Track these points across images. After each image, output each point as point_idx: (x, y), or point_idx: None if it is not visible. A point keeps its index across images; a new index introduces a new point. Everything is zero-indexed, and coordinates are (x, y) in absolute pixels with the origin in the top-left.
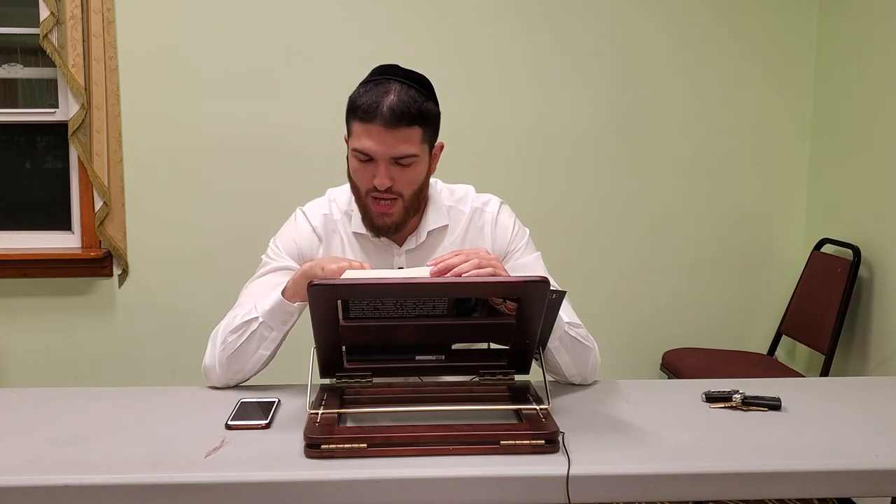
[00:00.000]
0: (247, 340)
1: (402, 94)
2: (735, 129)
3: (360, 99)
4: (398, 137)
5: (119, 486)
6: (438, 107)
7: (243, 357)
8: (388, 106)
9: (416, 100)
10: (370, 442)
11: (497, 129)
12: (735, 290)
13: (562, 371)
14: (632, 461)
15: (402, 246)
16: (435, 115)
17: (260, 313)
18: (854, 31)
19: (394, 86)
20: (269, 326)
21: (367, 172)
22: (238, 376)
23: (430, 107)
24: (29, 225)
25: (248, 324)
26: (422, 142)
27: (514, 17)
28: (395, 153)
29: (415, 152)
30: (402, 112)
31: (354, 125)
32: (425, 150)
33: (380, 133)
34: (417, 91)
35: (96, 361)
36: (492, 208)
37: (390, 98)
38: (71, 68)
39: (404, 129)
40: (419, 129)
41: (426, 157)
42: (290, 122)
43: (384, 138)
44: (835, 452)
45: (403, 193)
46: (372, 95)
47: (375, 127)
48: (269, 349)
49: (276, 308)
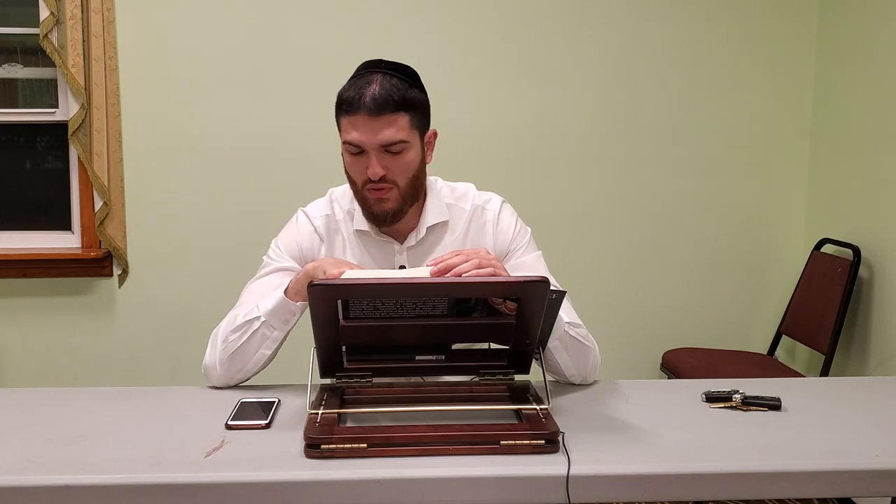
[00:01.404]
0: (248, 339)
1: (384, 83)
2: (735, 129)
3: (346, 94)
4: (383, 123)
5: (119, 486)
6: (426, 94)
7: (244, 356)
8: (370, 95)
9: (398, 87)
10: (370, 442)
11: (496, 129)
12: (735, 290)
13: (562, 371)
14: (632, 461)
15: (402, 243)
16: (420, 102)
17: (262, 313)
18: (854, 31)
19: (376, 76)
20: (272, 326)
21: (360, 165)
22: (239, 375)
23: (414, 94)
24: (29, 225)
25: (250, 323)
26: (410, 128)
27: (514, 16)
28: (383, 140)
29: (403, 138)
30: (386, 99)
31: (342, 120)
32: (415, 137)
33: (365, 122)
34: (400, 79)
35: (96, 361)
36: (493, 207)
37: (373, 87)
38: (71, 68)
39: (389, 116)
40: (405, 114)
41: (417, 144)
42: (291, 122)
43: (370, 126)
44: (835, 452)
45: (398, 181)
46: (355, 89)
47: (360, 117)
48: (271, 349)
49: (279, 307)
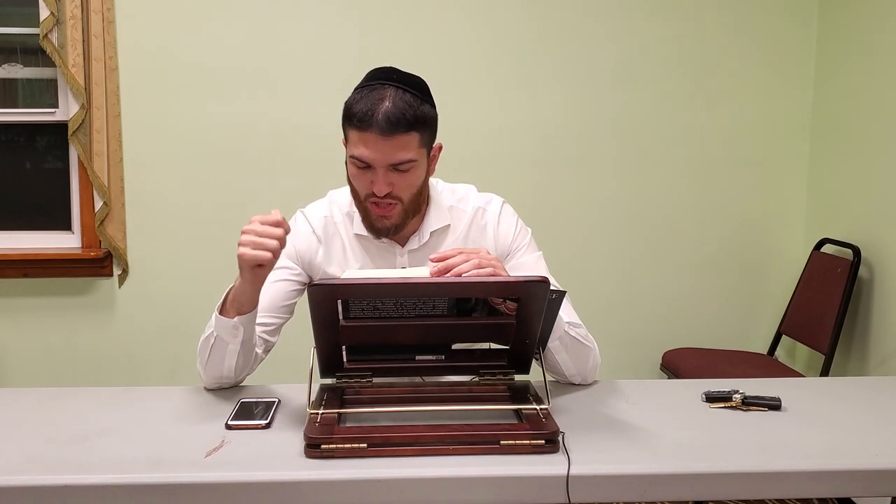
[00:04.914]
0: (211, 353)
1: (397, 101)
2: (735, 129)
3: (356, 106)
4: (395, 145)
5: (119, 486)
6: (435, 109)
7: (216, 367)
8: (383, 113)
9: (411, 105)
10: (370, 442)
11: (495, 130)
12: (735, 290)
13: (562, 371)
14: (632, 461)
15: (404, 246)
16: (432, 119)
17: (214, 327)
18: (854, 31)
19: (389, 91)
20: (224, 340)
21: (365, 179)
22: (222, 381)
23: (426, 110)
24: (29, 225)
25: (208, 338)
26: (419, 146)
27: (513, 16)
28: (393, 160)
29: (412, 157)
30: (399, 119)
31: (351, 132)
32: (423, 154)
33: (376, 141)
34: (413, 95)
35: (96, 361)
36: (494, 207)
37: (385, 105)
38: (71, 68)
39: (401, 137)
40: (416, 134)
41: (424, 161)
42: (291, 122)
43: (381, 146)
44: (835, 452)
45: (402, 198)
46: (367, 102)
47: (372, 135)
48: (235, 358)
49: (218, 324)
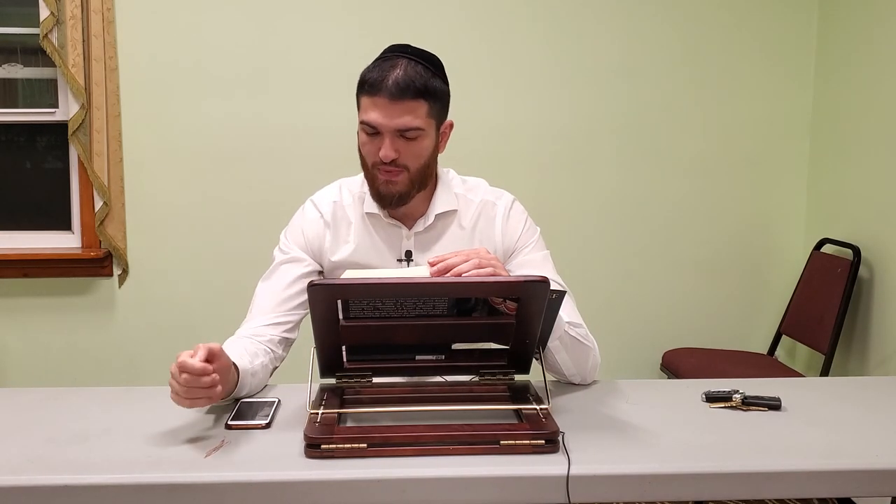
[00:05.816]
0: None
1: (408, 69)
2: (735, 129)
3: (369, 74)
4: (402, 109)
5: (119, 486)
6: (447, 85)
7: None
8: (393, 79)
9: (421, 75)
10: (370, 442)
11: (498, 128)
12: (735, 290)
13: (561, 371)
14: (632, 461)
15: (410, 229)
16: (442, 92)
17: None
18: (854, 30)
19: (401, 61)
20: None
21: (373, 145)
22: None
23: (436, 83)
24: (29, 225)
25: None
26: (427, 116)
27: (516, 15)
28: (400, 125)
29: (419, 125)
30: (407, 85)
31: (362, 99)
32: (431, 126)
33: (384, 105)
34: (424, 67)
35: (96, 361)
36: (504, 202)
37: (396, 72)
38: (71, 68)
39: (409, 102)
40: (424, 102)
41: (433, 133)
42: (291, 122)
43: (388, 110)
44: (835, 452)
45: (409, 166)
46: (379, 70)
47: (381, 99)
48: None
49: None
